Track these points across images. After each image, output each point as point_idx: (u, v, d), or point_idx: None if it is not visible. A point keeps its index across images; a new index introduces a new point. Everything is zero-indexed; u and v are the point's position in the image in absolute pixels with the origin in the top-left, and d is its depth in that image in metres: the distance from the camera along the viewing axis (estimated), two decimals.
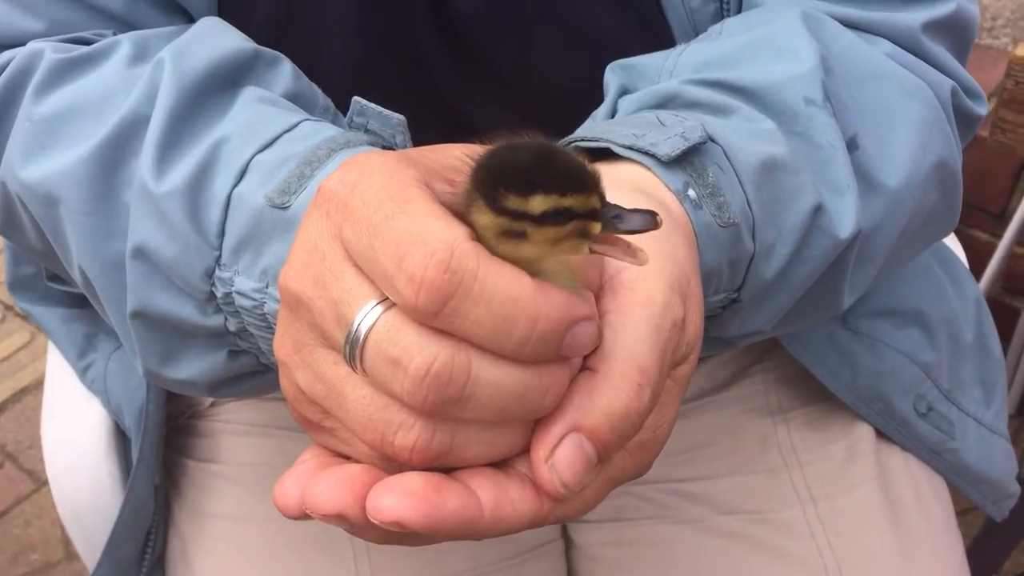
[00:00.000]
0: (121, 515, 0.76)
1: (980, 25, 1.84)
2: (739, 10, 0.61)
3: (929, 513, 0.77)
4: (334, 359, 0.38)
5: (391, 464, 0.38)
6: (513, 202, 0.35)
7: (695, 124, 0.49)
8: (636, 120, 0.50)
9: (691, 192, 0.47)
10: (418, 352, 0.35)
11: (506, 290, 0.35)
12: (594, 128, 0.50)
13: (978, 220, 1.83)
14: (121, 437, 0.80)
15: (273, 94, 0.54)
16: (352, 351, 0.37)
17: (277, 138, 0.50)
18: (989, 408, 0.83)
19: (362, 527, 0.37)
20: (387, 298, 0.36)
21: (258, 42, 0.57)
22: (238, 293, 0.48)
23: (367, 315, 0.36)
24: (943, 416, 0.78)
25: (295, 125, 0.51)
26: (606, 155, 0.49)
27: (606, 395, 0.37)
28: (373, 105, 0.50)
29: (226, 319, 0.50)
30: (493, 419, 0.37)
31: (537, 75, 0.64)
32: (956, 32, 0.62)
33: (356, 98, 0.51)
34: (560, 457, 0.37)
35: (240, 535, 0.76)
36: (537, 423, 0.38)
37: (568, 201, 0.35)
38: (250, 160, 0.49)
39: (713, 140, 0.49)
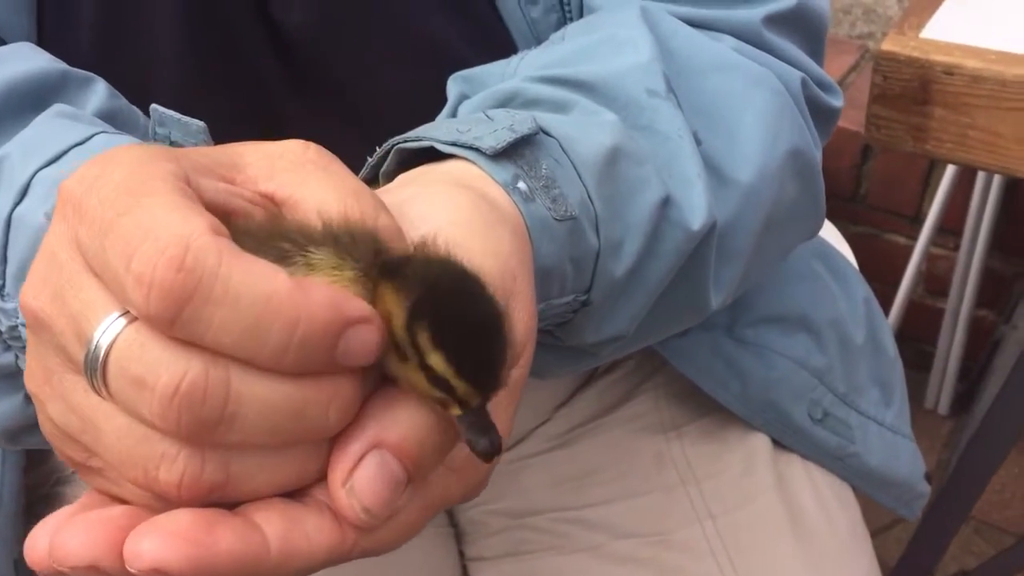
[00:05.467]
0: None
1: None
2: (581, 17, 0.60)
3: (833, 521, 0.75)
4: (84, 386, 0.34)
5: (166, 505, 0.34)
6: (421, 335, 0.33)
7: (525, 117, 0.46)
8: (464, 118, 0.48)
9: (521, 185, 0.44)
10: (165, 369, 0.31)
11: (255, 289, 0.31)
12: (418, 129, 0.47)
13: (894, 224, 1.84)
14: None
15: (79, 111, 0.51)
16: (93, 373, 0.32)
17: (66, 152, 0.46)
18: (889, 408, 0.81)
19: None
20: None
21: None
22: (24, 325, 0.44)
23: (107, 330, 0.32)
24: (841, 420, 0.77)
25: (89, 137, 0.47)
26: (432, 157, 0.46)
27: (411, 405, 0.34)
28: (172, 113, 0.47)
29: (16, 356, 0.46)
30: (271, 442, 0.33)
31: (380, 91, 0.62)
32: (803, 26, 0.62)
33: (154, 106, 0.47)
34: (360, 479, 0.33)
35: None
36: (334, 443, 0.34)
37: (457, 384, 0.33)
38: (32, 176, 0.45)
39: (548, 134, 0.47)
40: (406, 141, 0.45)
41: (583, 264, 0.47)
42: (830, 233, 0.89)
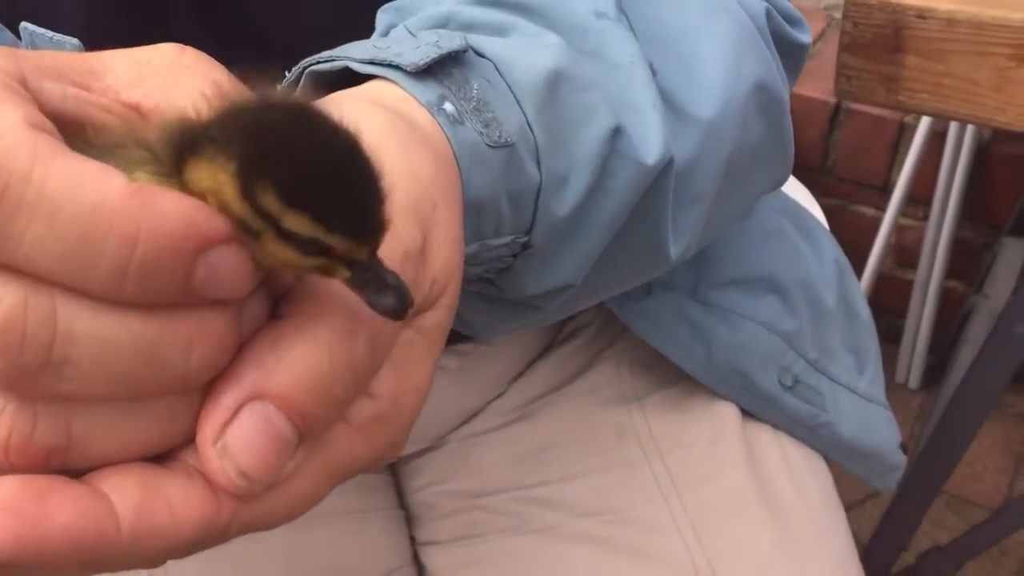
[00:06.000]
0: None
1: None
2: None
3: (806, 493, 0.71)
4: None
5: None
6: (270, 201, 0.26)
7: (454, 34, 0.41)
8: (384, 38, 0.43)
9: (448, 106, 0.39)
10: None
11: (79, 196, 0.25)
12: (333, 50, 0.41)
13: (863, 195, 1.81)
14: None
15: None
16: None
17: None
18: (863, 375, 0.77)
19: None
20: None
21: None
22: None
23: None
24: (811, 388, 0.73)
25: None
26: (351, 83, 0.40)
27: (300, 345, 0.28)
28: (44, 31, 0.41)
29: None
30: (120, 393, 0.27)
31: (296, 25, 0.56)
32: None
33: (24, 24, 0.41)
34: (235, 436, 0.27)
35: None
36: (205, 393, 0.28)
37: (332, 240, 0.27)
38: None
39: (483, 55, 0.42)
40: (319, 63, 0.40)
41: (522, 201, 0.41)
42: (799, 193, 0.85)
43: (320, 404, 0.28)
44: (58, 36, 0.40)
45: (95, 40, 0.44)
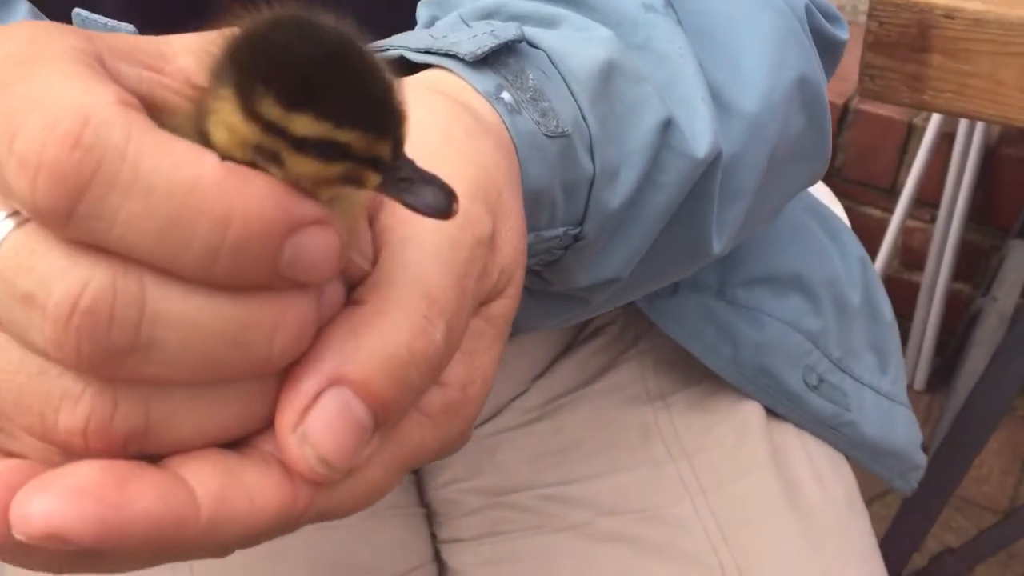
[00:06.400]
0: None
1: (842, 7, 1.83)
2: None
3: (831, 493, 0.70)
4: None
5: (70, 460, 0.27)
6: (270, 109, 0.25)
7: (509, 24, 0.41)
8: (438, 27, 0.42)
9: (505, 95, 0.38)
10: (59, 280, 0.24)
11: (174, 175, 0.24)
12: (387, 39, 0.41)
13: (869, 197, 1.81)
14: None
15: None
16: None
17: None
18: (885, 375, 0.77)
19: (11, 549, 0.26)
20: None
21: None
22: None
23: None
24: (836, 387, 0.72)
25: None
26: (403, 72, 0.40)
27: (379, 332, 0.27)
28: (97, 17, 0.40)
29: None
30: (202, 377, 0.26)
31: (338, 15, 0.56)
32: None
33: (77, 10, 0.41)
34: (315, 422, 0.27)
35: None
36: (283, 379, 0.28)
37: (346, 136, 0.26)
38: None
39: (536, 46, 0.41)
40: None
41: (576, 191, 0.41)
42: (821, 191, 0.85)
43: (398, 390, 0.28)
44: (112, 22, 0.40)
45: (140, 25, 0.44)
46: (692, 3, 0.49)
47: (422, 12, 0.50)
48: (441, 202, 0.26)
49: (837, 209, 0.85)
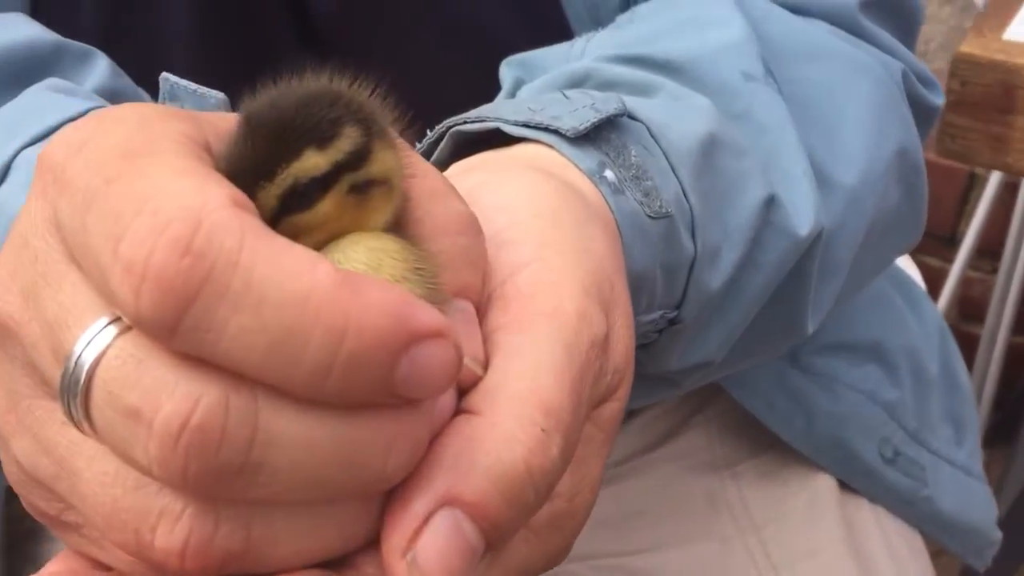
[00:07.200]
0: None
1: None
2: None
3: (906, 575, 0.67)
4: (61, 417, 0.26)
5: None
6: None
7: (610, 96, 0.39)
8: (534, 97, 0.41)
9: (608, 174, 0.37)
10: (168, 395, 0.23)
11: (288, 284, 0.23)
12: (479, 109, 0.40)
13: (928, 246, 1.77)
14: None
15: (76, 85, 0.43)
16: (72, 398, 0.24)
17: (57, 127, 0.38)
18: (961, 448, 0.74)
19: None
20: None
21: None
22: None
23: (92, 341, 0.24)
24: (912, 460, 0.69)
25: (84, 112, 0.39)
26: (496, 143, 0.39)
27: (494, 448, 0.26)
28: (186, 83, 0.39)
29: None
30: (310, 497, 0.25)
31: (414, 79, 0.55)
32: (899, 13, 0.55)
33: (165, 75, 0.40)
34: (427, 546, 0.25)
35: None
36: (388, 497, 0.26)
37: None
38: (14, 156, 0.38)
39: (634, 117, 0.40)
40: (465, 122, 0.38)
41: (675, 274, 0.39)
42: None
43: (513, 511, 0.26)
44: (201, 88, 0.39)
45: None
46: (789, 70, 0.47)
47: (506, 73, 0.48)
48: None
49: (912, 272, 0.82)
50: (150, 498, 0.25)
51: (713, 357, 0.44)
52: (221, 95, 0.39)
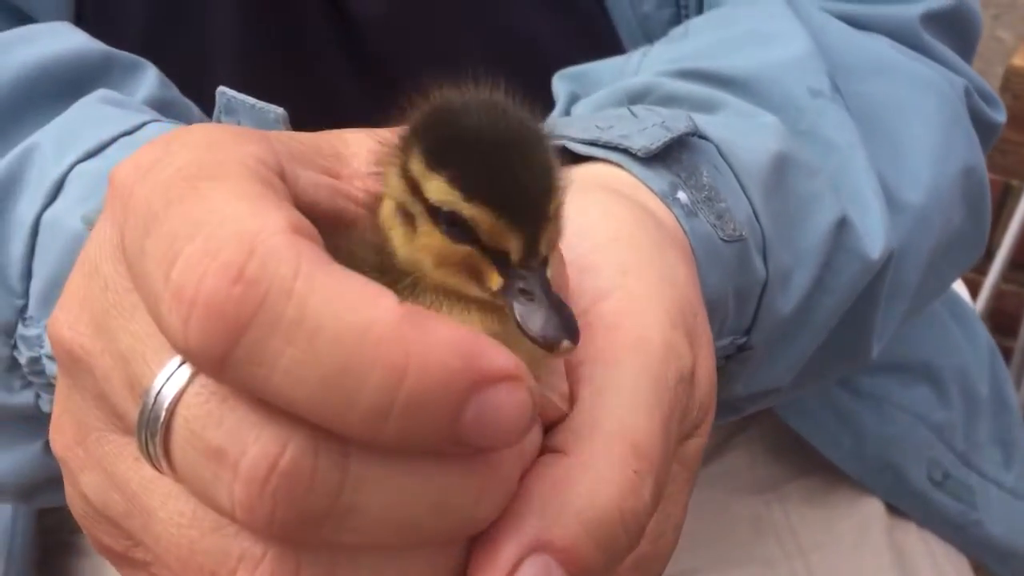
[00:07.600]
0: None
1: None
2: (700, 13, 0.51)
3: None
4: (134, 453, 0.25)
5: None
6: (416, 164, 0.24)
7: (678, 113, 0.38)
8: (600, 114, 0.39)
9: (681, 195, 0.35)
10: (255, 438, 0.22)
11: (345, 316, 0.21)
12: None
13: None
14: None
15: (126, 97, 0.43)
16: (151, 436, 0.23)
17: (111, 142, 0.38)
18: (1010, 471, 0.72)
19: None
20: None
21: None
22: (50, 358, 0.35)
23: (173, 376, 0.23)
24: (961, 483, 0.68)
25: (138, 127, 0.38)
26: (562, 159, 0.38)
27: (586, 491, 0.25)
28: (245, 97, 0.38)
29: (38, 395, 0.37)
30: (398, 543, 0.24)
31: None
32: (960, 28, 0.53)
33: (222, 89, 0.39)
34: None
35: None
36: (476, 541, 0.25)
37: (470, 211, 0.23)
38: (68, 171, 0.37)
39: (703, 136, 0.38)
40: None
41: (747, 298, 0.38)
42: None
43: (604, 556, 0.25)
44: (260, 103, 0.38)
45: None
46: (854, 85, 0.46)
47: (560, 86, 0.47)
48: (550, 333, 0.24)
49: (960, 291, 0.81)
50: (229, 541, 0.24)
51: (780, 383, 0.42)
52: (280, 110, 0.38)
